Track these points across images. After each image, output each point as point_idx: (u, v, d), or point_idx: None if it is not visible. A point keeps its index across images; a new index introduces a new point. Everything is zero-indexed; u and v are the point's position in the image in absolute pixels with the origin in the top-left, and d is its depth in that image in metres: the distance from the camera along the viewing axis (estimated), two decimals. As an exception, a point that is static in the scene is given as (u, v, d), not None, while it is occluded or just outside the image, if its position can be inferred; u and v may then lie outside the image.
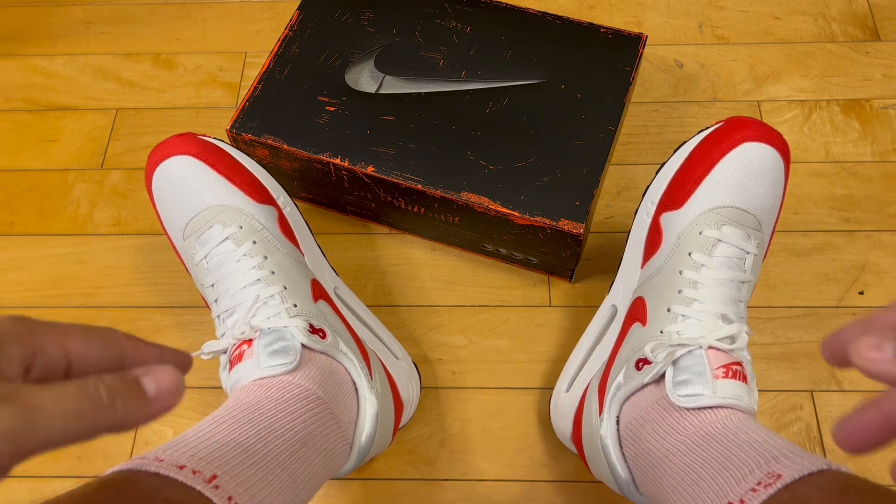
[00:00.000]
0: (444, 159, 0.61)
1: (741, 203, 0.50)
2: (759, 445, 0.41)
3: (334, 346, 0.51)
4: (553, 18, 0.67)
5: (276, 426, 0.44)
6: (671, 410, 0.46)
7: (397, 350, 0.61)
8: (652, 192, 0.56)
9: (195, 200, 0.54)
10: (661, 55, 0.78)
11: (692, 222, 0.50)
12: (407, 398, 0.57)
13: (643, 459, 0.47)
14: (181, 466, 0.37)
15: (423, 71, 0.65)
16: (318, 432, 0.46)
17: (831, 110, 0.74)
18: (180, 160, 0.54)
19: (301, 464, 0.44)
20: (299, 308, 0.51)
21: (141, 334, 0.69)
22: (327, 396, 0.48)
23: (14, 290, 0.68)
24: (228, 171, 0.55)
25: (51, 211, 0.72)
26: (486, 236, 0.63)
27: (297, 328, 0.49)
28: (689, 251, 0.50)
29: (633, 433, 0.48)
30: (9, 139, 0.77)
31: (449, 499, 0.59)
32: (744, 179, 0.50)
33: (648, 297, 0.52)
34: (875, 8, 0.80)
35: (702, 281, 0.49)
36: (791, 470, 0.38)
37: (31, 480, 0.60)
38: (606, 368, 0.53)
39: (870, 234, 0.68)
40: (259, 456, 0.41)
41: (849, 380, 0.62)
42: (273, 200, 0.57)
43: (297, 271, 0.54)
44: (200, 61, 0.80)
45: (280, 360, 0.48)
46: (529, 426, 0.61)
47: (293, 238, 0.57)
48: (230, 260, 0.52)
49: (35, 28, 0.84)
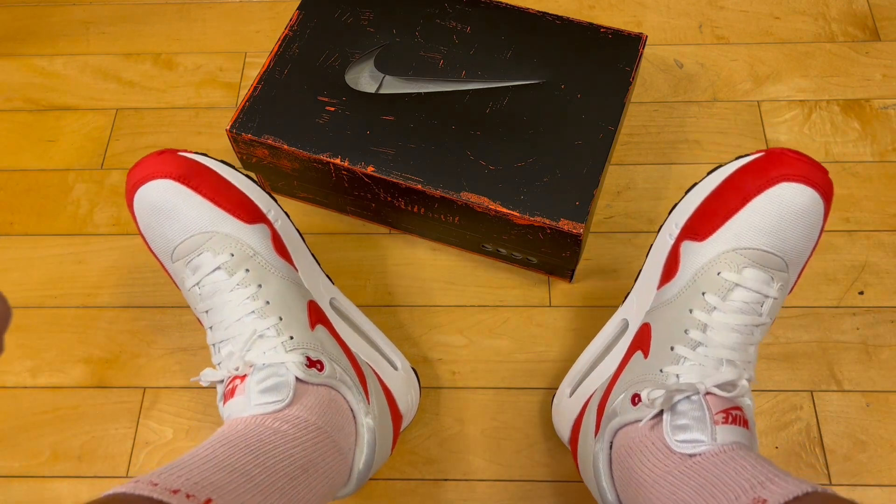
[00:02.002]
0: (444, 159, 0.61)
1: (770, 246, 0.47)
2: (746, 471, 0.40)
3: (332, 377, 0.50)
4: (553, 18, 0.67)
5: (275, 453, 0.43)
6: (658, 444, 0.45)
7: (396, 359, 0.60)
8: (678, 213, 0.53)
9: (180, 227, 0.51)
10: (661, 55, 0.78)
11: (712, 260, 0.48)
12: (405, 409, 0.57)
13: (630, 485, 0.46)
14: (175, 491, 0.37)
15: (423, 71, 0.65)
16: (319, 460, 0.45)
17: (831, 110, 0.74)
18: (161, 185, 0.51)
19: (301, 491, 0.43)
20: (296, 340, 0.50)
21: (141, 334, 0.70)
22: (327, 426, 0.47)
23: (14, 290, 0.68)
24: (213, 193, 0.52)
25: (51, 211, 0.72)
26: (486, 236, 0.63)
27: (294, 363, 0.48)
28: (703, 291, 0.47)
29: (622, 459, 0.48)
30: (9, 139, 0.77)
31: (449, 499, 0.59)
32: (777, 222, 0.47)
33: (655, 328, 0.50)
34: (875, 8, 0.80)
35: (711, 324, 0.47)
36: (777, 495, 0.38)
37: (31, 480, 0.60)
38: (607, 390, 0.52)
39: (870, 234, 0.68)
40: (257, 482, 0.41)
41: (849, 380, 0.62)
42: (264, 217, 0.54)
43: (292, 296, 0.52)
44: (200, 61, 0.80)
45: (272, 397, 0.46)
46: (529, 426, 0.61)
47: (287, 255, 0.55)
48: (223, 290, 0.50)
49: (35, 28, 0.84)
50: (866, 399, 0.61)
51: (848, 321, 0.64)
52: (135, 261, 0.69)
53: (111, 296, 0.68)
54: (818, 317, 0.64)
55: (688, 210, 0.52)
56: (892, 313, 0.64)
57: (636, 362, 0.50)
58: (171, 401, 0.63)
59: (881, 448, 0.59)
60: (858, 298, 0.65)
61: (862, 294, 0.65)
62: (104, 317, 0.67)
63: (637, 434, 0.47)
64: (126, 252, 0.70)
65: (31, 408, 0.63)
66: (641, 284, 0.56)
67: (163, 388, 0.64)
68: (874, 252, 0.67)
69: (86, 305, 0.68)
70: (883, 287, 0.65)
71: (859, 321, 0.64)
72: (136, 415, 0.63)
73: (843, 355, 0.63)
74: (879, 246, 0.67)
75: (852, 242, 0.67)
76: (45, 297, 0.68)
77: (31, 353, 0.66)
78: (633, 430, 0.48)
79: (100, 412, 0.63)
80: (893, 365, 0.62)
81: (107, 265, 0.69)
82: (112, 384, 0.64)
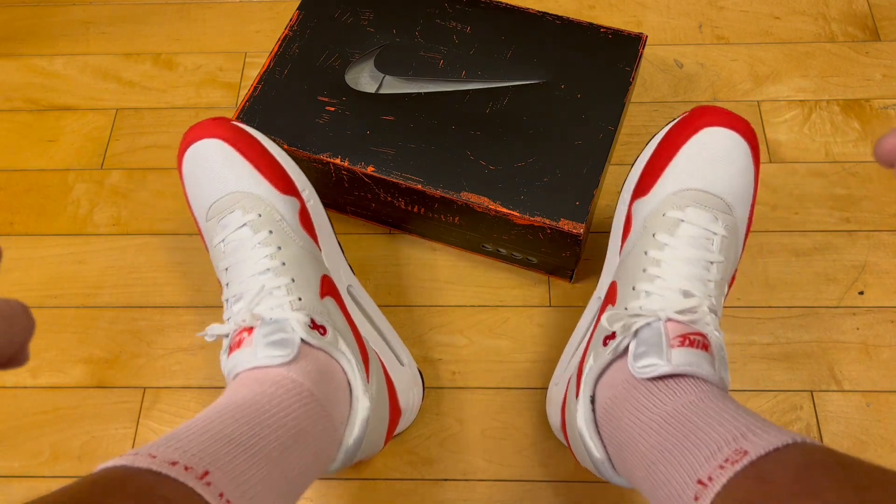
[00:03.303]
0: (444, 159, 0.61)
1: (705, 186, 0.51)
2: (728, 422, 0.41)
3: (333, 345, 0.51)
4: (553, 18, 0.67)
5: (269, 421, 0.44)
6: (640, 388, 0.46)
7: (404, 356, 0.60)
8: (627, 184, 0.57)
9: (221, 184, 0.54)
10: (661, 55, 0.78)
11: (658, 205, 0.52)
12: (406, 405, 0.57)
13: (619, 439, 0.47)
14: (174, 462, 0.37)
15: (423, 71, 0.65)
16: (310, 429, 0.46)
17: (831, 110, 0.74)
18: (212, 143, 0.54)
19: (293, 460, 0.44)
20: (304, 302, 0.51)
21: (141, 334, 0.70)
22: (321, 394, 0.48)
23: (14, 290, 0.68)
24: (257, 159, 0.55)
25: (51, 211, 0.72)
26: (486, 236, 0.63)
27: (298, 322, 0.49)
28: (654, 232, 0.51)
29: (608, 413, 0.48)
30: (9, 139, 0.77)
31: (449, 499, 0.59)
32: (706, 162, 0.51)
33: (619, 280, 0.53)
34: (875, 8, 0.80)
35: (665, 259, 0.50)
36: (757, 446, 0.38)
37: (31, 480, 0.60)
38: (583, 355, 0.53)
39: (870, 234, 0.68)
40: (251, 452, 0.41)
41: (849, 380, 0.62)
42: (297, 192, 0.57)
43: (308, 264, 0.54)
44: (200, 61, 0.80)
45: (277, 351, 0.48)
46: (529, 426, 0.61)
47: (312, 232, 0.56)
48: (245, 246, 0.53)
49: (35, 28, 0.84)
50: (866, 399, 0.61)
51: (848, 321, 0.64)
52: (135, 261, 0.69)
53: (111, 296, 0.68)
54: (818, 317, 0.64)
55: (634, 178, 0.56)
56: (892, 313, 0.64)
57: (606, 314, 0.51)
58: (171, 401, 0.63)
59: (881, 448, 0.59)
60: (858, 298, 0.65)
61: (862, 294, 0.65)
62: (104, 317, 0.67)
63: (616, 381, 0.48)
64: (126, 252, 0.70)
65: (31, 408, 0.63)
66: (608, 261, 0.58)
67: (163, 388, 0.64)
68: (874, 252, 0.67)
69: (86, 305, 0.68)
70: (883, 287, 0.65)
71: (859, 321, 0.64)
72: (136, 415, 0.63)
73: (843, 355, 0.63)
74: (879, 246, 0.67)
75: (852, 242, 0.67)
76: (45, 297, 0.68)
77: (32, 353, 0.66)
78: (613, 379, 0.48)
79: (100, 412, 0.63)
80: (893, 365, 0.62)
81: (107, 265, 0.69)
82: (112, 384, 0.64)
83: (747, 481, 0.37)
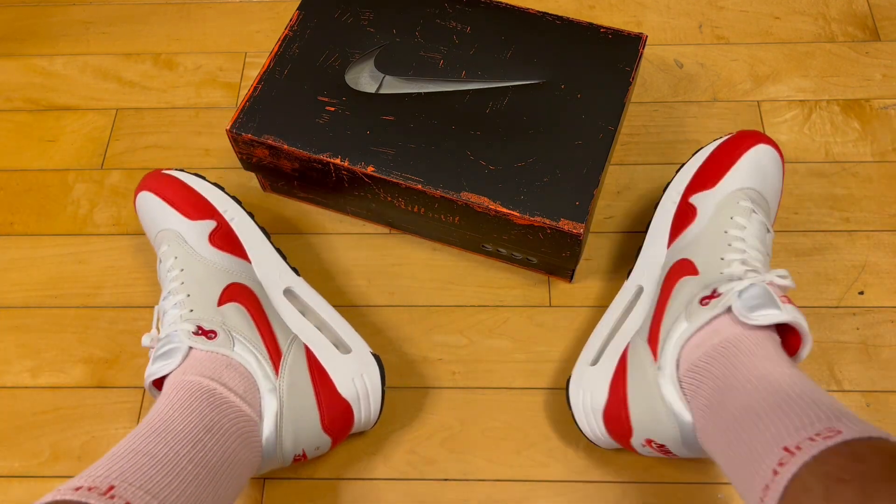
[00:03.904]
0: (444, 159, 0.61)
1: (761, 189, 0.59)
2: (824, 405, 0.42)
3: (226, 346, 0.54)
4: (553, 18, 0.67)
5: (172, 424, 0.47)
6: (742, 347, 0.49)
7: (351, 344, 0.59)
8: (676, 183, 0.63)
9: (151, 226, 0.63)
10: (661, 55, 0.78)
11: (730, 195, 0.58)
12: (353, 395, 0.56)
13: (705, 394, 0.49)
14: (77, 488, 0.41)
15: (423, 71, 0.65)
16: (219, 418, 0.49)
17: (831, 110, 0.74)
18: (142, 196, 0.63)
19: (209, 450, 0.47)
20: (195, 313, 0.55)
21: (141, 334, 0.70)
22: (223, 387, 0.51)
23: (14, 290, 0.69)
24: (171, 196, 0.62)
25: (51, 211, 0.72)
26: (486, 236, 0.63)
27: (182, 331, 0.54)
28: (731, 215, 0.57)
29: (698, 371, 0.50)
30: (9, 139, 0.77)
31: (449, 499, 0.59)
32: (762, 169, 0.60)
33: (695, 256, 0.56)
34: (875, 8, 0.80)
35: (746, 238, 0.55)
36: (851, 430, 0.39)
37: (31, 480, 0.60)
38: (653, 325, 0.55)
39: (870, 234, 0.68)
40: (159, 457, 0.44)
41: (849, 380, 0.62)
42: (214, 214, 0.62)
43: (209, 278, 0.58)
44: (200, 61, 0.80)
45: (164, 361, 0.53)
46: (529, 426, 0.61)
47: (232, 247, 0.61)
48: (162, 274, 0.60)
49: (35, 28, 0.84)
50: (866, 399, 0.61)
51: (848, 321, 0.64)
52: (135, 261, 0.69)
53: (111, 296, 0.68)
54: (818, 317, 0.64)
55: (687, 176, 0.62)
56: (892, 313, 0.64)
57: (685, 285, 0.55)
58: (171, 401, 0.63)
59: (881, 448, 0.59)
60: (858, 298, 0.65)
61: (862, 294, 0.65)
62: (104, 317, 0.67)
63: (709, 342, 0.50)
64: (126, 252, 0.70)
65: (31, 408, 0.63)
66: (647, 252, 0.61)
67: (163, 388, 0.64)
68: (874, 252, 0.67)
69: (86, 305, 0.68)
70: (883, 287, 0.65)
71: (859, 321, 0.64)
72: (136, 415, 0.63)
73: (843, 355, 0.63)
74: (879, 246, 0.67)
75: (852, 242, 0.67)
76: (45, 297, 0.68)
77: (31, 353, 0.66)
78: (704, 340, 0.51)
79: (100, 412, 0.63)
80: (893, 365, 0.62)
81: (107, 265, 0.69)
82: (112, 384, 0.64)
83: (840, 458, 0.38)
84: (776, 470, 0.39)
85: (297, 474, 0.60)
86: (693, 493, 0.58)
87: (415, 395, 0.63)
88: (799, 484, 0.38)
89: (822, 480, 0.37)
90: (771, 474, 0.40)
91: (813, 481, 0.37)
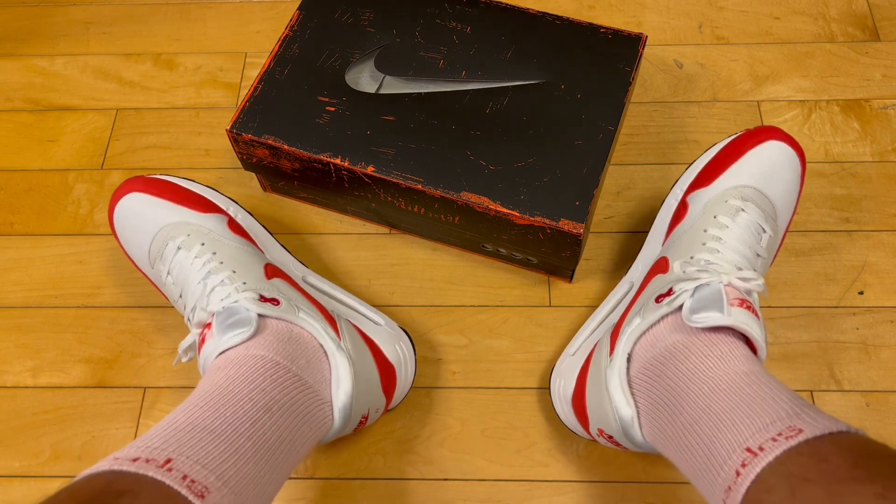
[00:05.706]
0: (444, 159, 0.61)
1: (762, 187, 0.56)
2: (782, 400, 0.42)
3: (291, 312, 0.53)
4: (553, 18, 0.67)
5: (233, 400, 0.46)
6: (694, 350, 0.48)
7: (378, 318, 0.62)
8: (682, 181, 0.62)
9: (150, 226, 0.59)
10: (661, 55, 0.78)
11: (720, 194, 0.56)
12: (396, 358, 0.58)
13: (655, 398, 0.48)
14: (135, 459, 0.40)
15: (423, 71, 0.65)
16: (281, 397, 0.48)
17: (831, 110, 0.74)
18: (132, 197, 0.59)
19: (268, 430, 0.46)
20: (248, 284, 0.54)
21: (141, 334, 0.70)
22: (288, 361, 0.50)
23: (14, 290, 0.69)
24: (173, 195, 0.59)
25: (51, 211, 0.72)
26: (486, 236, 0.63)
27: (247, 299, 0.52)
28: (715, 214, 0.55)
29: (648, 371, 0.50)
30: (9, 139, 0.77)
31: (449, 499, 0.59)
32: (766, 168, 0.57)
33: (672, 254, 0.56)
34: (875, 8, 0.80)
35: (724, 238, 0.54)
36: (813, 427, 0.39)
37: (31, 480, 0.61)
38: (621, 318, 0.55)
39: (870, 234, 0.68)
40: (218, 432, 0.43)
41: (848, 380, 0.62)
42: (221, 210, 0.61)
43: (248, 257, 0.57)
44: (200, 61, 0.80)
45: (236, 330, 0.50)
46: (529, 426, 0.61)
47: (247, 237, 0.60)
48: (185, 265, 0.56)
49: (35, 28, 0.84)
50: (866, 399, 0.61)
51: (848, 321, 0.64)
52: (135, 261, 0.69)
53: (111, 296, 0.68)
54: (818, 317, 0.64)
55: (691, 175, 0.61)
56: (892, 313, 0.64)
57: (655, 283, 0.54)
58: (171, 401, 0.63)
59: (881, 448, 0.59)
60: (858, 298, 0.65)
61: (862, 294, 0.65)
62: (104, 317, 0.67)
63: (664, 341, 0.50)
64: (126, 252, 0.70)
65: (31, 408, 0.63)
66: (646, 250, 0.62)
67: (163, 388, 0.64)
68: (874, 252, 0.67)
69: (86, 305, 0.68)
70: (883, 287, 0.65)
71: (859, 321, 0.64)
72: (137, 415, 0.63)
73: (843, 355, 0.63)
74: (879, 246, 0.67)
75: (852, 242, 0.67)
76: (45, 297, 0.68)
77: (31, 353, 0.66)
78: (658, 339, 0.50)
79: (100, 412, 0.63)
80: (893, 365, 0.62)
81: (107, 265, 0.69)
82: (112, 384, 0.64)
83: (803, 458, 0.38)
84: (738, 471, 0.39)
85: (298, 474, 0.60)
86: (693, 492, 0.58)
87: (415, 394, 0.63)
88: (761, 484, 0.38)
89: (787, 480, 0.37)
90: (733, 475, 0.40)
91: (776, 481, 0.38)
